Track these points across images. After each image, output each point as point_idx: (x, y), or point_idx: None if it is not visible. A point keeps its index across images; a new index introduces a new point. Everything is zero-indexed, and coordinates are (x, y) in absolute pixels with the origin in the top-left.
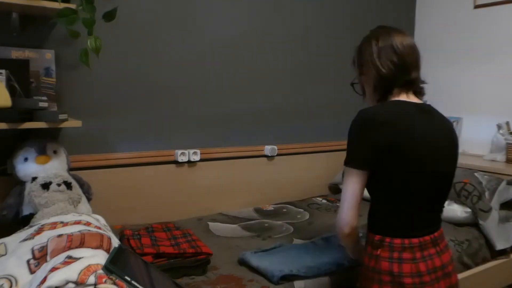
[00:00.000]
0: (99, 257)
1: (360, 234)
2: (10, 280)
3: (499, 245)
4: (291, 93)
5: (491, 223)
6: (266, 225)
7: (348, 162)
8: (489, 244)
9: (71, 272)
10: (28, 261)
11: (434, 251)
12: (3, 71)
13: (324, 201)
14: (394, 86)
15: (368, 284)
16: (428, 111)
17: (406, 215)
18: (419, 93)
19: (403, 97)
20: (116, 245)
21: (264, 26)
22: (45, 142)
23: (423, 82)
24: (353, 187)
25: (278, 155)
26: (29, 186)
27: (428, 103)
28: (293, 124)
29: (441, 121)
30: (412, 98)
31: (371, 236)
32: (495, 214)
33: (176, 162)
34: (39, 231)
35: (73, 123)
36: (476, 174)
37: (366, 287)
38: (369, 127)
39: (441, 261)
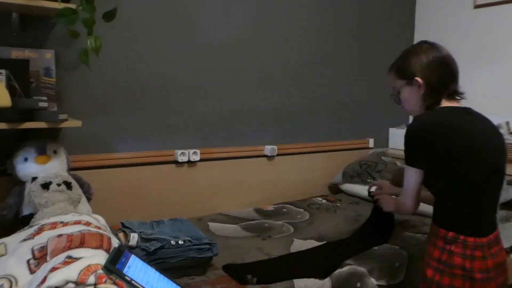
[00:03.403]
0: (99, 257)
1: None
2: (10, 280)
3: None
4: (291, 93)
5: None
6: (266, 225)
7: (409, 163)
8: None
9: (71, 272)
10: (28, 261)
11: (498, 248)
12: (3, 71)
13: (324, 201)
14: (442, 96)
15: (438, 276)
16: (472, 113)
17: (476, 214)
18: (458, 99)
19: (447, 104)
20: (116, 245)
21: (264, 26)
22: (45, 142)
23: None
24: (415, 182)
25: (278, 155)
26: (29, 186)
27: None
28: (293, 124)
29: (486, 120)
30: (455, 103)
31: (443, 232)
32: None
33: (176, 162)
34: (39, 231)
35: (73, 123)
36: None
37: (435, 279)
38: (426, 135)
39: (502, 257)
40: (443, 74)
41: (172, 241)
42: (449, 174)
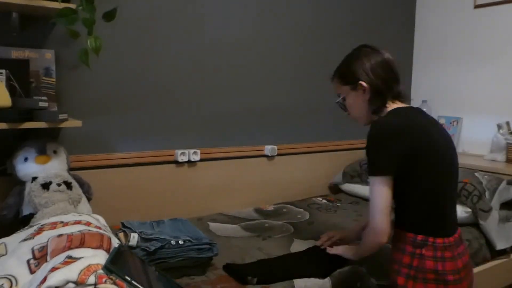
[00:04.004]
0: (99, 257)
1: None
2: (10, 280)
3: (499, 245)
4: (291, 93)
5: (491, 223)
6: (266, 225)
7: (376, 172)
8: (489, 244)
9: (71, 272)
10: (28, 261)
11: (463, 247)
12: (3, 71)
13: (324, 201)
14: (388, 98)
15: (411, 283)
16: (423, 113)
17: (441, 214)
18: (404, 100)
19: (395, 105)
20: (116, 245)
21: (264, 26)
22: (45, 142)
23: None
24: (385, 195)
25: (278, 155)
26: (29, 186)
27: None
28: (293, 124)
29: (434, 119)
30: (403, 105)
31: (411, 236)
32: (495, 214)
33: (176, 162)
34: (39, 231)
35: (73, 123)
36: (476, 174)
37: (408, 286)
38: (391, 136)
39: (468, 256)
40: (386, 77)
41: (172, 241)
42: (415, 176)
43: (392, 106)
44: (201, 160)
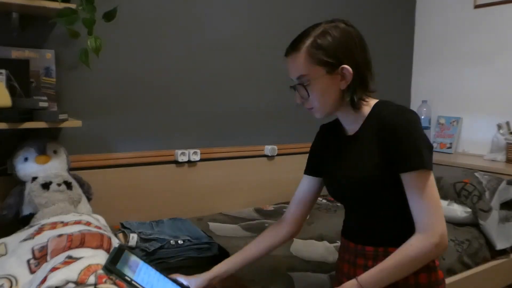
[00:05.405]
0: (99, 257)
1: None
2: (10, 280)
3: (499, 245)
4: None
5: (491, 223)
6: (266, 225)
7: (431, 165)
8: (489, 244)
9: (71, 272)
10: (28, 261)
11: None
12: (3, 71)
13: (324, 201)
14: (369, 90)
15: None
16: None
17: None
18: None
19: (374, 99)
20: (116, 245)
21: (264, 25)
22: (45, 142)
23: None
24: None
25: (278, 155)
26: (29, 186)
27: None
28: (293, 124)
29: None
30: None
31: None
32: (495, 214)
33: (176, 162)
34: (39, 231)
35: (73, 123)
36: (476, 174)
37: None
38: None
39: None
40: (369, 63)
41: (171, 241)
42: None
43: (371, 99)
44: (201, 160)
